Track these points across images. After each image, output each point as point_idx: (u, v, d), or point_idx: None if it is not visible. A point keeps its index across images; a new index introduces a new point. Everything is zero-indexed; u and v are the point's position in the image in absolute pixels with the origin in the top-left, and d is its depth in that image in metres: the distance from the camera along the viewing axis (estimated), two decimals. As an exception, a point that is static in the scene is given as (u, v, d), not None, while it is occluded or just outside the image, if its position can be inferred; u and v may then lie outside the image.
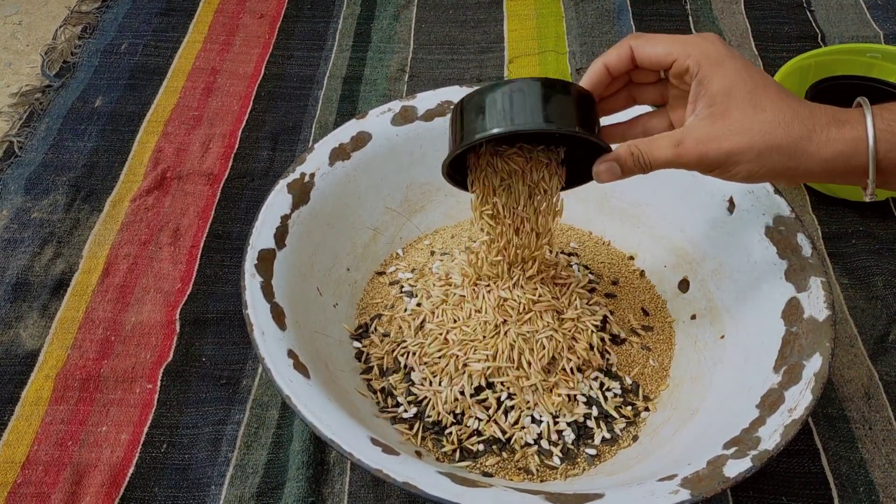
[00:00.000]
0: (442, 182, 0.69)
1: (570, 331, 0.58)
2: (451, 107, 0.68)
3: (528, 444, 0.55)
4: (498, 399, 0.56)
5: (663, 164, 0.47)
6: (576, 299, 0.60)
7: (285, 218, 0.60)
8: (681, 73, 0.48)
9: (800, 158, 0.45)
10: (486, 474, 0.55)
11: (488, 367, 0.56)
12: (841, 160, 0.45)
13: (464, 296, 0.59)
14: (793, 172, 0.46)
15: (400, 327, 0.61)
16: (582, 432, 0.56)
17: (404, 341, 0.60)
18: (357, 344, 0.62)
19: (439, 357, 0.58)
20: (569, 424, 0.56)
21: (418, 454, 0.55)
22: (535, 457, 0.55)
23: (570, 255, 0.66)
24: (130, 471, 0.58)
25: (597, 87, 0.52)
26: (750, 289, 0.58)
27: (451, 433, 0.56)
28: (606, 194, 0.69)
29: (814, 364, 0.50)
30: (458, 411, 0.56)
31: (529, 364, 0.56)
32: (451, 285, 0.60)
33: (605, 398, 0.58)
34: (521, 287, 0.58)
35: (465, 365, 0.57)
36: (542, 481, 0.54)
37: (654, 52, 0.49)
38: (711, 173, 0.47)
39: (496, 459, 0.55)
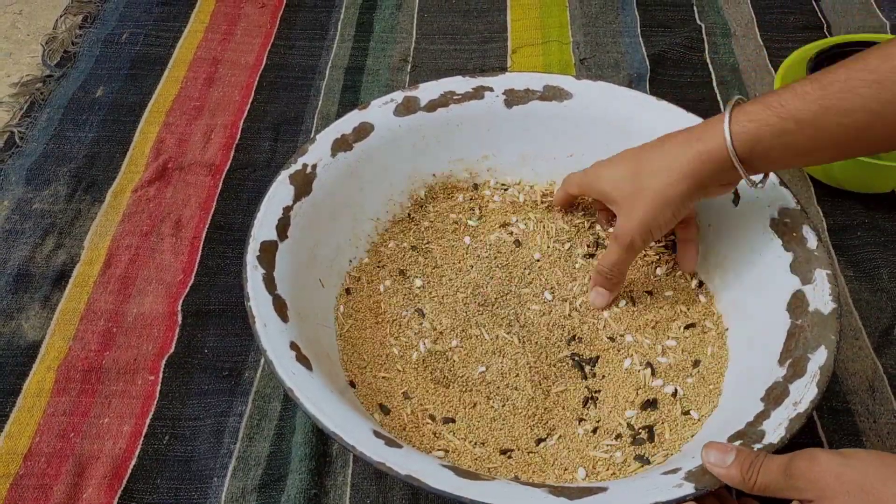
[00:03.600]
0: (445, 173, 0.69)
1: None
2: (454, 97, 0.68)
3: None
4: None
5: (615, 256, 0.58)
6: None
7: (287, 209, 0.59)
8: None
9: (673, 177, 0.54)
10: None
11: None
12: (708, 165, 0.53)
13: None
14: (679, 195, 0.54)
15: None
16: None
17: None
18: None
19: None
20: None
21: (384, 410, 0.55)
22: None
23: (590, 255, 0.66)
24: (133, 462, 0.57)
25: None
26: (755, 281, 0.58)
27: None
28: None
29: (819, 357, 0.50)
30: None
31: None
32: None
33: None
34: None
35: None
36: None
37: (573, 194, 0.65)
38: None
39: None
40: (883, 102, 0.47)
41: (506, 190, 0.69)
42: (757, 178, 0.55)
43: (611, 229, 0.65)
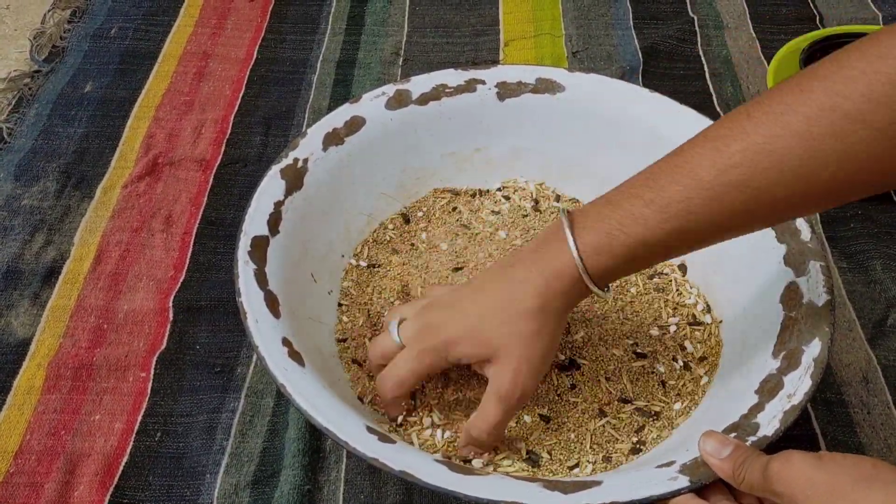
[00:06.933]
0: (437, 167, 0.69)
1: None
2: (446, 90, 0.67)
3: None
4: None
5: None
6: None
7: (279, 204, 0.59)
8: None
9: (515, 304, 0.47)
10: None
11: None
12: (557, 282, 0.47)
13: None
14: (522, 326, 0.47)
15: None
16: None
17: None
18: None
19: None
20: None
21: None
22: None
23: None
24: (124, 460, 0.57)
25: None
26: (748, 273, 0.58)
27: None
28: (604, 181, 0.68)
29: (813, 349, 0.50)
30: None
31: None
32: None
33: None
34: None
35: None
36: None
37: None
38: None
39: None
40: (726, 214, 0.43)
41: (507, 197, 0.69)
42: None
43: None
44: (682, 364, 0.57)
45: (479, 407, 0.49)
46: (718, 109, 0.82)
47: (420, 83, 0.67)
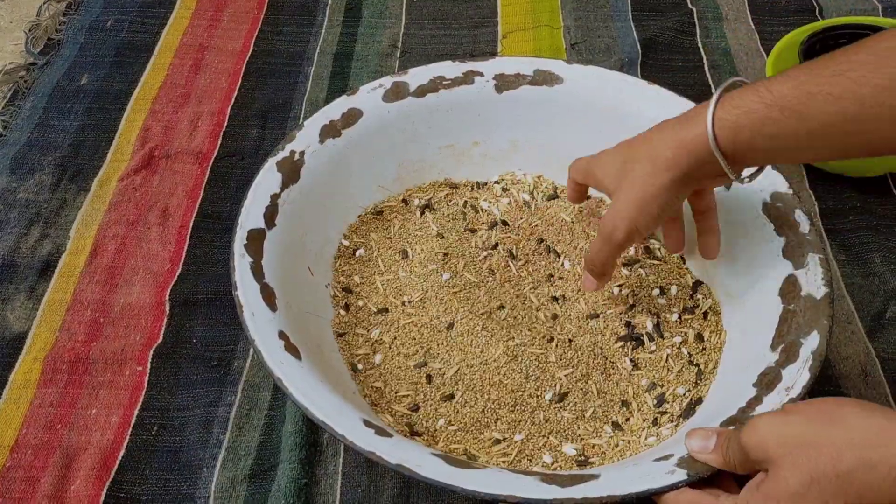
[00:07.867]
0: (435, 160, 0.69)
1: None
2: (444, 82, 0.67)
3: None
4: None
5: (597, 248, 0.55)
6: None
7: (275, 197, 0.59)
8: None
9: (658, 169, 0.50)
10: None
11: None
12: (691, 154, 0.49)
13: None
14: (667, 185, 0.50)
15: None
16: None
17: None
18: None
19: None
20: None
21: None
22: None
23: None
24: (121, 454, 0.57)
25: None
26: (747, 266, 0.58)
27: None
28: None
29: (811, 342, 0.50)
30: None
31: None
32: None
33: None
34: None
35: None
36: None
37: (579, 182, 0.60)
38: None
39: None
40: (874, 87, 0.41)
41: (504, 189, 0.68)
42: (748, 171, 0.50)
43: None
44: (686, 354, 0.57)
45: None
46: (717, 101, 0.82)
47: (418, 75, 0.67)
